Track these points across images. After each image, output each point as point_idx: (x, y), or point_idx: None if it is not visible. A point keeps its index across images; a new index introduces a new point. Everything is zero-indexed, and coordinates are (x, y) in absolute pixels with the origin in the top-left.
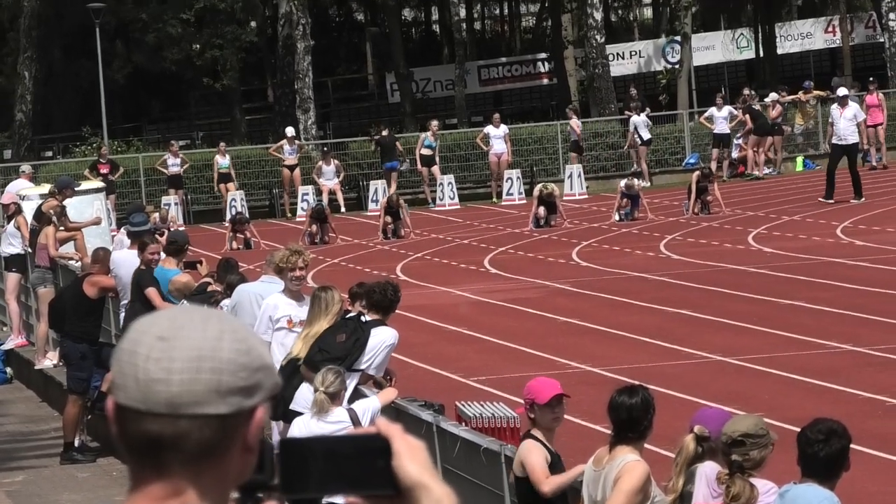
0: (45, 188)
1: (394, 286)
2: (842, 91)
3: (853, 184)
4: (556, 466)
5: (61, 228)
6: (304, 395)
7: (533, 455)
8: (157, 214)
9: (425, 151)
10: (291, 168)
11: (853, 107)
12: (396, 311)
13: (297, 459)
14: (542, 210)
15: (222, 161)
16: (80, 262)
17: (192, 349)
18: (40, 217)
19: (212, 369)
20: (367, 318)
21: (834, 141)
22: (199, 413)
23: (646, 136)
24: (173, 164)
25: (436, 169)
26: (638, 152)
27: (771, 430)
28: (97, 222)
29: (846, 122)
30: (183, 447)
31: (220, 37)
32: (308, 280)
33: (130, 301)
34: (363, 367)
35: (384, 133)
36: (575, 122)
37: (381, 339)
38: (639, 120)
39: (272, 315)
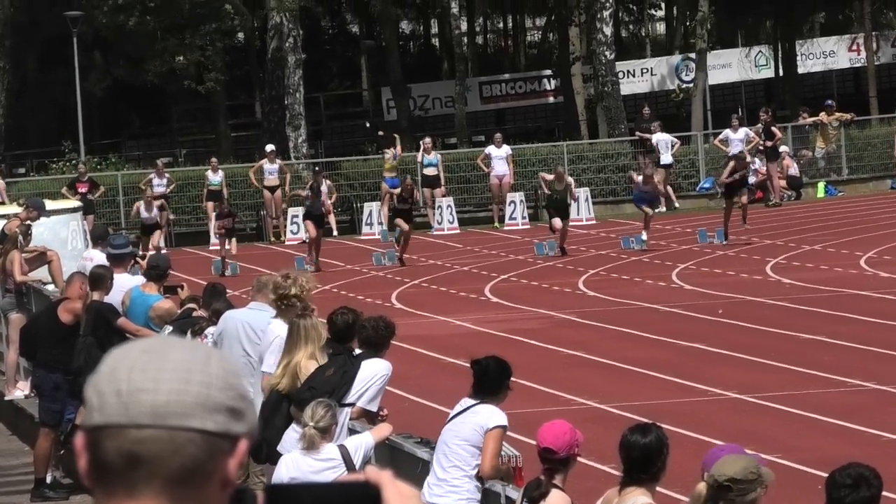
0: (14, 208)
1: (386, 322)
2: None
3: None
4: None
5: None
6: (291, 438)
7: None
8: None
9: (429, 171)
10: (272, 190)
11: None
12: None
13: None
14: (556, 221)
15: (214, 178)
16: (49, 286)
17: (181, 361)
18: (4, 238)
19: (201, 382)
20: (358, 351)
21: None
22: (184, 425)
23: (666, 159)
24: (158, 185)
25: (439, 191)
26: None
27: (768, 468)
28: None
29: None
30: (162, 467)
31: (202, 37)
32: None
33: (83, 335)
34: (352, 399)
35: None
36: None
37: (374, 370)
38: (664, 139)
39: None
